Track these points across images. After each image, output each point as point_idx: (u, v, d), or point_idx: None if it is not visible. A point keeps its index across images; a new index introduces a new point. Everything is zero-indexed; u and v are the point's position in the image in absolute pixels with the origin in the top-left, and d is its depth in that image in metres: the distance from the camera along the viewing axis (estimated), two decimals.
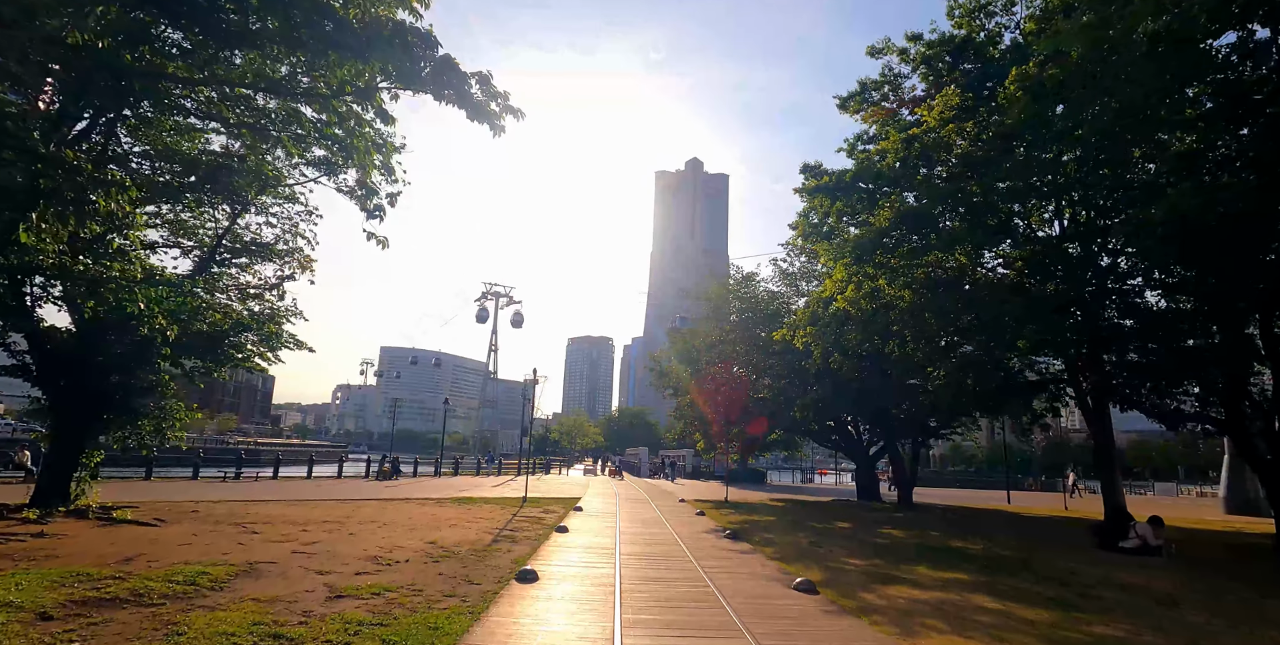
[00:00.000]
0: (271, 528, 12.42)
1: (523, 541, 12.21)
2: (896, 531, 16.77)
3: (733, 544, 12.88)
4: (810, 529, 16.64)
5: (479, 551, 10.78)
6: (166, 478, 26.94)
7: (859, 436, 29.91)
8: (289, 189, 18.50)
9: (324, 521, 13.82)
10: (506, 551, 10.90)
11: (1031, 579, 10.23)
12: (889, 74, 19.04)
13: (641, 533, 14.19)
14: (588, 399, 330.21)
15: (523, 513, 17.87)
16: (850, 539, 14.80)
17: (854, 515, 21.29)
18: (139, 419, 15.84)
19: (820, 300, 15.58)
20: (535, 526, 14.67)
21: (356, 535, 11.99)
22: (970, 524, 19.95)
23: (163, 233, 18.78)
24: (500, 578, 8.60)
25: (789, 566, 10.51)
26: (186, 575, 7.46)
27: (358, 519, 14.68)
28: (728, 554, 11.54)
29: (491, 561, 9.90)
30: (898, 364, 17.08)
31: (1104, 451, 16.90)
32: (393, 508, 17.77)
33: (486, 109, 8.48)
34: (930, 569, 10.86)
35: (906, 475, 25.39)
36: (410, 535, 12.36)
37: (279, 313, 21.06)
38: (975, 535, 16.33)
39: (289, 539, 11.08)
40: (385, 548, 10.68)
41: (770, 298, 26.12)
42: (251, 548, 9.97)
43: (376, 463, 36.68)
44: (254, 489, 22.73)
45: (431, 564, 9.47)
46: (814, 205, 15.10)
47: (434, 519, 15.35)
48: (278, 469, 30.80)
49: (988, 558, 12.39)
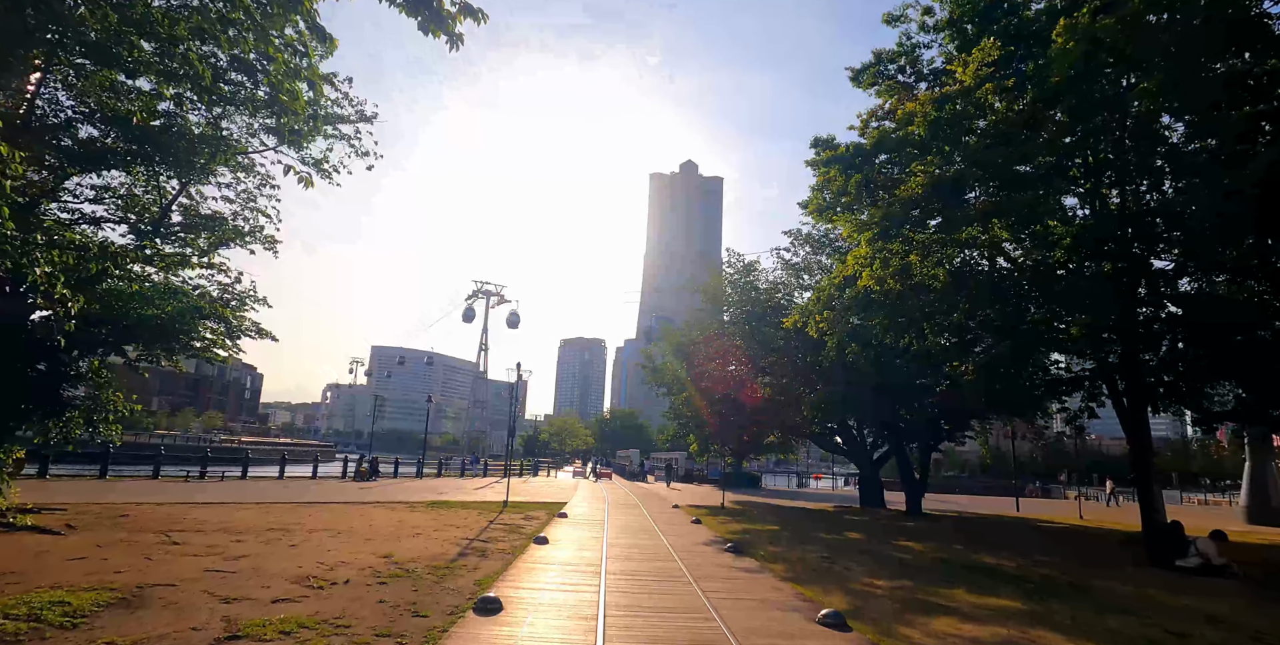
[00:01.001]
0: (201, 537, 10.67)
1: (494, 555, 10.51)
2: (914, 544, 15.15)
3: (736, 560, 11.22)
4: (819, 541, 15.00)
5: (439, 569, 9.07)
6: (123, 477, 25.03)
7: (862, 439, 28.32)
8: (246, 159, 16.77)
9: (269, 529, 12.07)
10: (471, 569, 9.20)
11: (1094, 607, 8.62)
12: (906, 44, 17.48)
13: (632, 545, 12.51)
14: (580, 401, 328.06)
15: (501, 519, 16.16)
16: (866, 553, 13.17)
17: (863, 524, 19.68)
18: (67, 411, 14.05)
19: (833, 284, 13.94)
20: (512, 536, 12.97)
21: (298, 547, 10.26)
22: (991, 535, 18.36)
23: (110, 208, 16.98)
24: (455, 608, 6.91)
25: (806, 590, 8.86)
26: (34, 606, 5.73)
27: (311, 526, 12.95)
28: (732, 573, 9.88)
29: (451, 583, 8.20)
30: (913, 360, 15.48)
31: (1142, 458, 15.31)
32: (357, 513, 16.02)
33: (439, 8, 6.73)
34: (970, 593, 9.23)
35: (916, 481, 23.78)
36: (363, 547, 10.64)
37: (238, 297, 19.35)
38: (1002, 549, 14.73)
39: (213, 552, 9.34)
40: (326, 564, 8.97)
41: (772, 288, 24.37)
42: (156, 565, 8.23)
43: (355, 463, 34.82)
44: (213, 490, 20.90)
45: (375, 587, 7.77)
46: (828, 178, 13.50)
47: (398, 527, 13.63)
48: (246, 468, 28.92)
49: (1029, 578, 10.77)
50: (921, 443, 23.78)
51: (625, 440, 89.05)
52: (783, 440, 40.54)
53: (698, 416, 28.76)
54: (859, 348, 14.37)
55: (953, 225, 11.37)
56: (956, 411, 19.27)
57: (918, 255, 11.76)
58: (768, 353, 22.92)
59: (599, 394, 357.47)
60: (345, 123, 17.73)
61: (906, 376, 17.37)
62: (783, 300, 23.93)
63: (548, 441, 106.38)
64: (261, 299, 19.83)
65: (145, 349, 17.29)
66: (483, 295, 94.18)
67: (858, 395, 17.75)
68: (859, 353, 14.31)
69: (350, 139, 17.86)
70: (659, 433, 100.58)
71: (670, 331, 29.44)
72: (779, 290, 24.20)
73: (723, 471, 49.99)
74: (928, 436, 22.94)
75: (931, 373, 16.35)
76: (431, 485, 29.47)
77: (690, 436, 43.03)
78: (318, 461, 33.20)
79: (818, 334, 14.88)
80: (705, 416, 29.74)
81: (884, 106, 17.18)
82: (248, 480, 27.30)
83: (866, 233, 12.06)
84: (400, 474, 36.87)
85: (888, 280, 11.98)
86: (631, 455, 58.17)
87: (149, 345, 17.16)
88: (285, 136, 17.23)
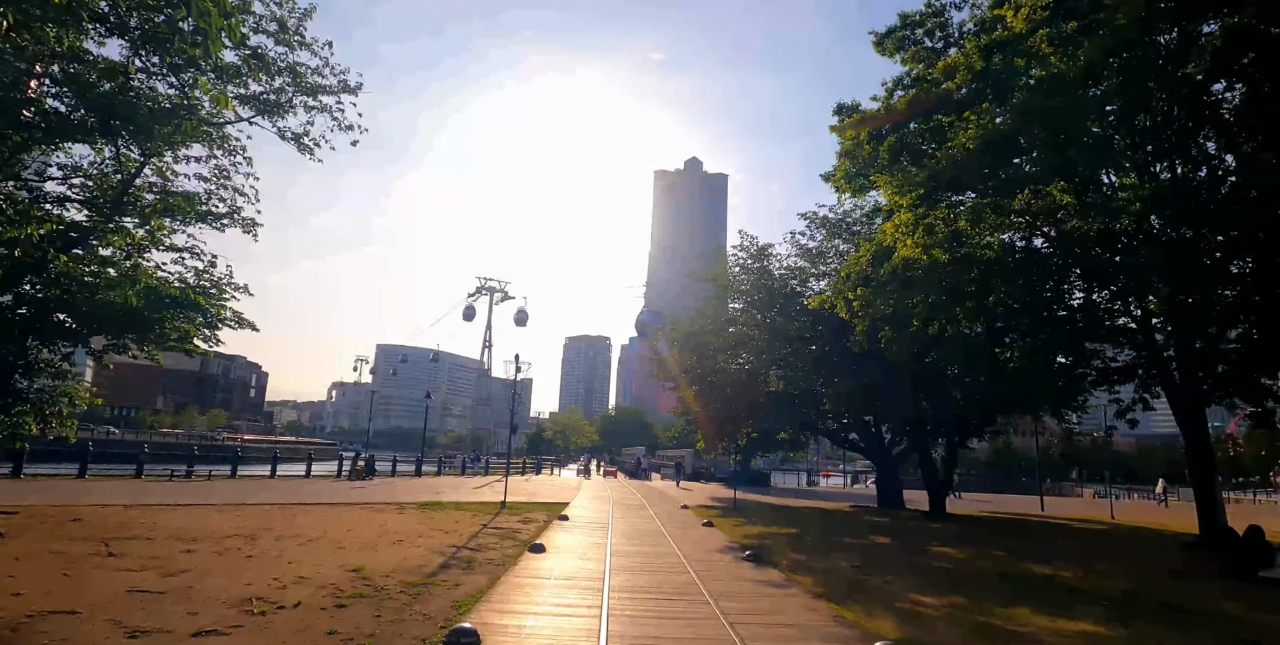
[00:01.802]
0: (145, 547, 9.35)
1: (481, 568, 9.16)
2: (951, 550, 13.74)
3: (757, 571, 9.84)
4: (845, 547, 13.62)
5: (413, 586, 7.73)
6: (104, 476, 23.85)
7: (880, 436, 26.87)
8: (217, 131, 15.45)
9: (230, 536, 10.76)
10: (452, 586, 7.85)
11: (1204, 634, 7.20)
12: (935, 4, 16.00)
13: (639, 553, 11.15)
14: (585, 398, 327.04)
15: (496, 522, 14.84)
16: (901, 561, 11.76)
17: (887, 527, 18.27)
18: (16, 403, 12.78)
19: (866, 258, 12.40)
20: (505, 543, 11.63)
21: (255, 558, 8.94)
22: (1030, 539, 16.92)
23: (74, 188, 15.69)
24: (420, 642, 5.56)
25: (845, 611, 7.49)
26: None
27: (282, 531, 11.64)
28: (755, 589, 8.51)
29: (424, 605, 6.86)
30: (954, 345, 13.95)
31: (1201, 455, 13.87)
32: (338, 516, 14.72)
33: None
34: (1040, 613, 7.82)
35: (939, 480, 22.32)
36: (332, 558, 9.31)
37: (216, 284, 18.07)
38: (1052, 556, 13.31)
39: (150, 566, 8.02)
40: (281, 580, 7.64)
41: (788, 275, 22.79)
42: (70, 585, 6.91)
43: (350, 461, 33.57)
44: (194, 491, 19.65)
45: (330, 612, 6.43)
46: (856, 142, 12.07)
47: (380, 532, 12.31)
48: (236, 468, 27.70)
49: (1101, 593, 9.33)
50: (947, 439, 22.29)
51: (630, 437, 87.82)
52: (794, 437, 39.15)
53: (705, 411, 27.35)
54: (892, 332, 12.89)
55: (1009, 185, 9.88)
56: (989, 405, 17.74)
57: (967, 221, 10.28)
58: (783, 343, 21.44)
59: (604, 391, 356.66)
60: (327, 93, 16.39)
61: (943, 365, 15.77)
62: (798, 287, 22.41)
63: (552, 439, 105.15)
64: (243, 286, 18.58)
65: (113, 338, 16.02)
66: (486, 292, 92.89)
67: (888, 386, 16.21)
68: (892, 337, 12.84)
69: (332, 111, 16.57)
70: (664, 429, 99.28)
71: (677, 322, 27.93)
72: (795, 276, 22.64)
73: (729, 469, 48.64)
74: (953, 432, 21.45)
75: (969, 361, 14.92)
76: (429, 484, 28.20)
77: (698, 433, 41.69)
78: (311, 460, 31.97)
79: (848, 315, 13.38)
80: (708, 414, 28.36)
81: (910, 73, 15.71)
82: (237, 480, 26.09)
83: (910, 195, 10.56)
84: (399, 473, 35.65)
85: (934, 250, 10.52)
86: (638, 453, 56.78)
87: (116, 334, 15.90)
88: (260, 106, 16.02)
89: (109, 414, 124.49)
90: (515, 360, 21.53)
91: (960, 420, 19.72)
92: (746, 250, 22.82)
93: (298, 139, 16.58)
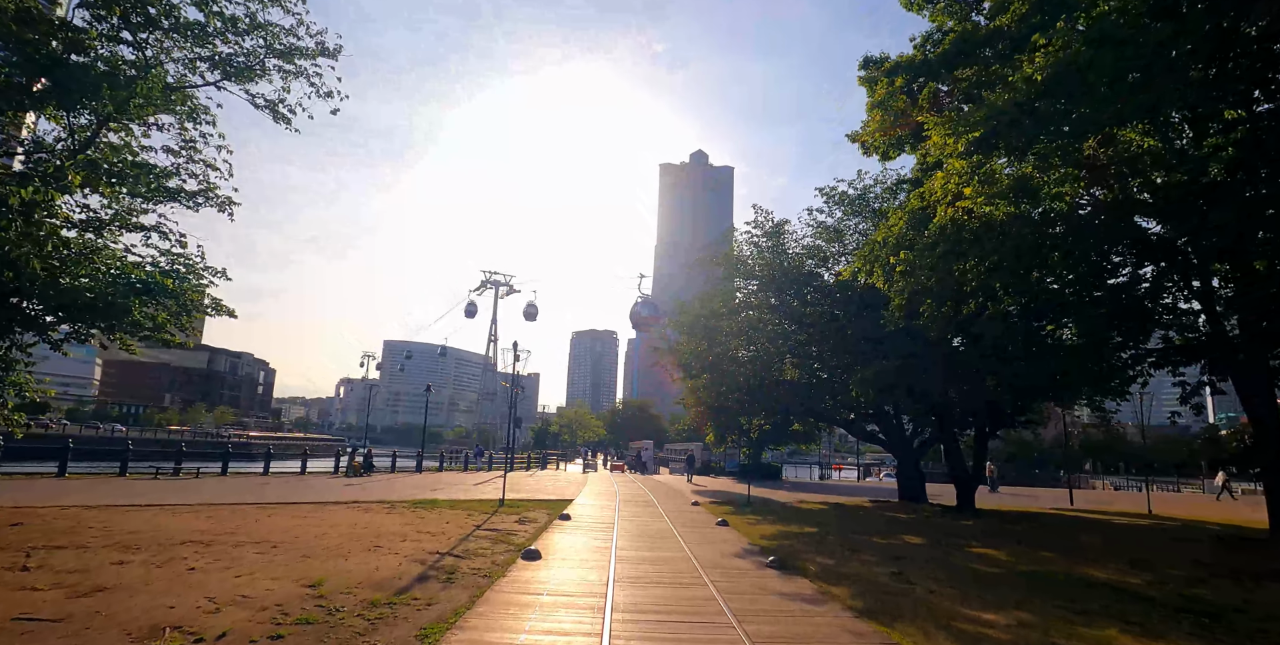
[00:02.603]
0: (75, 557, 8.10)
1: (463, 581, 7.86)
2: (993, 551, 12.36)
3: (784, 581, 8.52)
4: (875, 548, 12.26)
5: (375, 607, 6.44)
6: (86, 474, 22.75)
7: (901, 426, 25.46)
8: (178, 96, 14.15)
9: (183, 542, 9.51)
10: (423, 607, 6.55)
11: None
12: None
13: (649, 559, 9.84)
14: (592, 393, 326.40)
15: (491, 522, 13.58)
16: (944, 566, 10.40)
17: (915, 525, 16.90)
18: None
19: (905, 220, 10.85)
20: (496, 548, 10.34)
21: (198, 571, 7.66)
22: (1076, 538, 15.51)
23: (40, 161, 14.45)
24: None
25: (895, 633, 6.16)
26: None
27: (245, 536, 10.39)
28: (786, 604, 7.18)
29: (379, 635, 5.56)
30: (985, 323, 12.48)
31: (1272, 442, 12.41)
32: (320, 516, 13.48)
33: None
34: (1130, 634, 6.46)
35: (968, 474, 20.88)
36: (291, 569, 8.03)
37: (191, 268, 16.84)
38: (1109, 557, 11.91)
39: (66, 583, 6.76)
40: (217, 601, 6.36)
41: (805, 253, 21.21)
42: None
43: (348, 457, 32.45)
44: (174, 490, 18.48)
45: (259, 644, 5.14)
46: (891, 91, 10.62)
47: (357, 535, 11.04)
48: (226, 464, 26.56)
49: (1191, 604, 7.93)
50: (976, 428, 20.82)
51: (638, 431, 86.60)
52: (808, 429, 37.77)
53: (716, 401, 25.96)
54: (934, 306, 11.39)
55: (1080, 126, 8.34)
56: (1027, 390, 16.20)
57: (1034, 165, 8.77)
58: (799, 328, 19.99)
59: (611, 385, 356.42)
60: (303, 57, 15.07)
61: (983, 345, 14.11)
62: (815, 268, 20.85)
63: (559, 433, 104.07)
64: (220, 271, 17.35)
65: (74, 325, 14.81)
66: (491, 285, 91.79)
67: (920, 369, 14.69)
68: (936, 312, 11.33)
69: (309, 75, 15.25)
70: (672, 423, 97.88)
71: (685, 307, 26.46)
72: (812, 255, 21.07)
73: (739, 463, 47.37)
74: (984, 421, 19.98)
75: (1009, 340, 13.43)
76: (428, 481, 27.02)
77: (707, 426, 40.31)
78: (307, 456, 30.85)
79: (886, 284, 11.90)
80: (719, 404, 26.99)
81: (941, 28, 14.21)
82: (229, 477, 24.96)
83: (965, 138, 9.02)
84: (399, 468, 34.56)
85: (997, 202, 9.01)
86: (646, 446, 55.47)
87: (75, 321, 14.69)
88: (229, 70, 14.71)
89: (116, 412, 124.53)
90: (514, 348, 20.20)
91: (993, 407, 18.20)
92: (760, 226, 21.28)
93: (273, 107, 15.30)
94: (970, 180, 9.07)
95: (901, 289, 11.62)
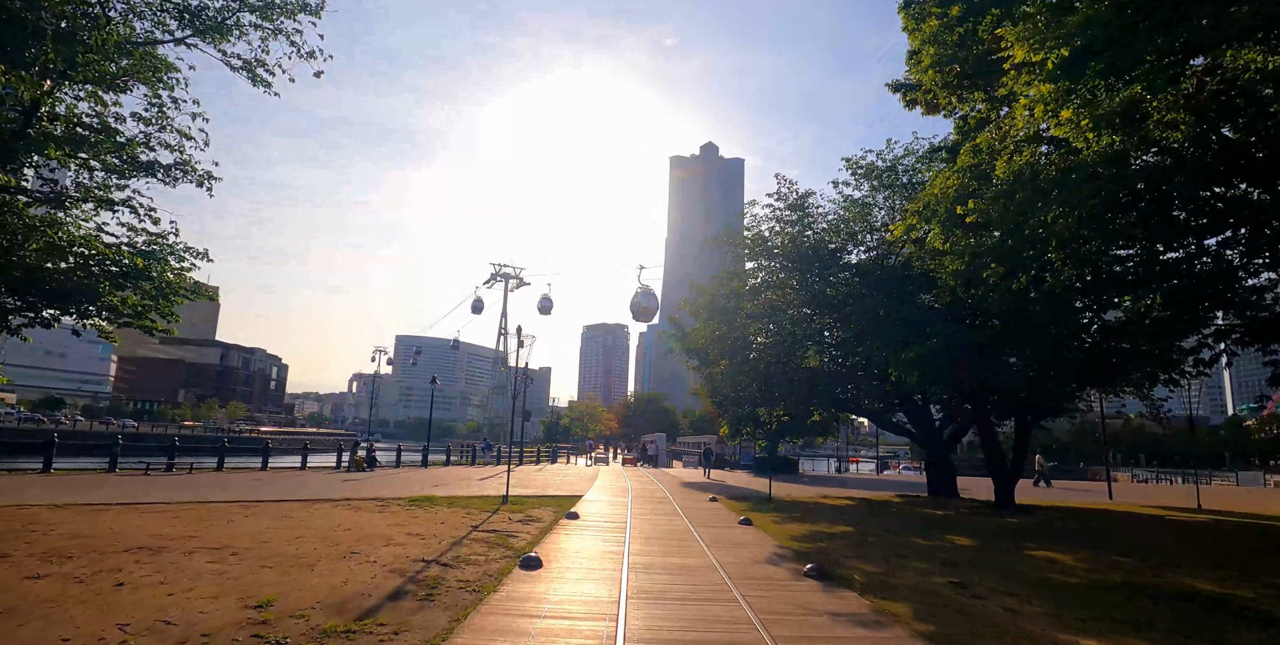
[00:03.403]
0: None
1: (445, 597, 6.54)
2: (1054, 554, 10.90)
3: (830, 596, 7.13)
4: (920, 551, 10.84)
5: (328, 638, 5.12)
6: (74, 470, 21.75)
7: (931, 416, 23.94)
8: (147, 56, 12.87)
9: (131, 549, 8.25)
10: (387, 637, 5.22)
11: None
12: None
13: (667, 566, 8.47)
14: (603, 386, 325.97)
15: (491, 523, 12.28)
16: (1009, 574, 8.95)
17: (957, 523, 15.45)
18: None
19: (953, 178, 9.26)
20: (492, 554, 9.02)
21: (128, 586, 6.38)
22: (1138, 537, 14.01)
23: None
24: None
25: None
26: None
27: (206, 540, 9.13)
28: (839, 629, 5.79)
29: None
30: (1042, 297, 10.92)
31: None
32: (299, 516, 12.22)
33: None
34: None
35: (1007, 467, 19.35)
36: (243, 583, 6.74)
37: (167, 247, 15.65)
38: (1191, 561, 10.43)
39: None
40: (132, 627, 5.06)
41: (832, 229, 19.56)
42: None
43: (350, 451, 31.35)
44: (160, 486, 17.33)
45: None
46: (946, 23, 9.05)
47: (335, 539, 9.76)
48: (223, 460, 25.50)
49: None
50: (1017, 417, 19.26)
51: (651, 424, 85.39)
52: (827, 420, 36.26)
53: (735, 392, 24.53)
54: (1000, 271, 9.77)
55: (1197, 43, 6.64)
56: (1084, 371, 14.50)
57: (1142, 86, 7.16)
58: (824, 311, 18.45)
59: (622, 378, 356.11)
60: (282, 12, 13.75)
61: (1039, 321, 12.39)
62: (841, 245, 19.18)
63: (569, 427, 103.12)
64: (202, 252, 16.16)
65: (33, 309, 13.65)
66: (501, 278, 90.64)
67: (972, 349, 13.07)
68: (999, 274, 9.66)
69: (289, 33, 13.92)
70: (684, 416, 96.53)
71: (701, 290, 24.94)
72: (841, 229, 19.36)
73: (754, 456, 45.97)
74: (1026, 409, 18.40)
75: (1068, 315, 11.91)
76: (432, 476, 25.84)
77: (722, 419, 38.87)
78: (307, 451, 29.79)
79: (946, 243, 10.30)
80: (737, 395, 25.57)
81: None
82: (223, 473, 23.90)
83: (1055, 53, 7.40)
84: (404, 463, 33.50)
85: (1103, 130, 7.41)
86: (658, 439, 54.13)
87: (35, 305, 13.53)
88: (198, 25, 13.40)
89: (130, 407, 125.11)
90: (517, 333, 18.85)
91: (1038, 394, 16.58)
92: (784, 198, 19.63)
93: (249, 68, 14.00)
94: (1068, 102, 7.46)
95: (963, 251, 10.03)
